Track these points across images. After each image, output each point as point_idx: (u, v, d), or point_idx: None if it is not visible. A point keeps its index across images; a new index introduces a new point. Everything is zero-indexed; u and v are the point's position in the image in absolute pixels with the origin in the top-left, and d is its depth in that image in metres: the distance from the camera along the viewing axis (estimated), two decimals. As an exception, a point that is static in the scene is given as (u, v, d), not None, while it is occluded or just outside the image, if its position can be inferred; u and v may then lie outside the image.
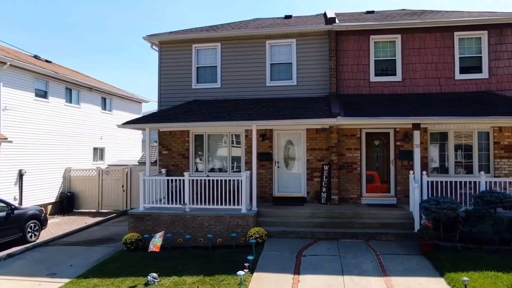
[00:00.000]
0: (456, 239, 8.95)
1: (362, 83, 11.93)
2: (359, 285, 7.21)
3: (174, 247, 10.23)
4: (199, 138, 12.90)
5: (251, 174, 10.94)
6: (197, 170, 12.82)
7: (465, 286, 6.55)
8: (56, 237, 12.25)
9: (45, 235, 12.38)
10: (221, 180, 10.71)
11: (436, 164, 11.70)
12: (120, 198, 17.41)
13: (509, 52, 11.29)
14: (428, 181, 10.22)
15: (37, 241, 11.70)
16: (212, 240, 10.03)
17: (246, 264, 7.90)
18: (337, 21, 12.00)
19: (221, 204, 10.60)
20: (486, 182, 10.05)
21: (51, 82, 16.99)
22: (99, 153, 20.94)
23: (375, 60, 11.94)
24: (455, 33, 11.50)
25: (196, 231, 10.38)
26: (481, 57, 11.48)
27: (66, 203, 17.23)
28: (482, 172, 10.27)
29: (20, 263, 9.74)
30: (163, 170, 12.69)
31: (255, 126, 10.82)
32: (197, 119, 11.05)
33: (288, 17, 14.94)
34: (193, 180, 10.83)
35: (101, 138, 21.06)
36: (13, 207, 11.30)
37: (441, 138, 11.59)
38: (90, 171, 17.91)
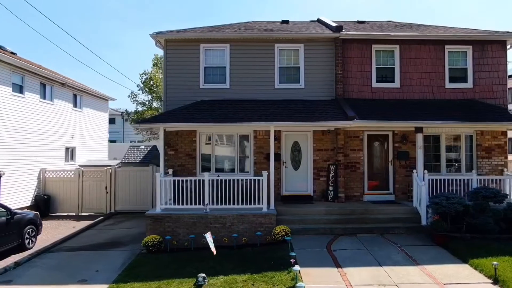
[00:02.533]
0: (463, 230, 10.08)
1: (365, 89, 12.80)
2: (401, 274, 7.90)
3: (196, 248, 10.19)
4: (206, 138, 12.87)
5: (268, 175, 11.21)
6: (204, 170, 12.76)
7: (495, 269, 7.54)
8: (56, 243, 11.45)
9: (39, 241, 11.51)
10: (239, 180, 10.90)
11: (428, 163, 12.90)
12: (103, 200, 16.57)
13: (489, 65, 12.87)
14: (429, 179, 11.31)
15: (35, 247, 10.86)
16: (237, 240, 10.16)
17: (292, 261, 8.19)
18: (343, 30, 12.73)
19: (241, 203, 10.77)
20: (477, 179, 11.41)
21: (27, 76, 15.72)
22: (70, 153, 19.68)
23: (376, 68, 12.87)
24: (446, 46, 12.85)
25: (218, 231, 10.42)
26: (466, 68, 12.95)
27: (43, 206, 15.99)
28: (474, 171, 11.66)
29: (35, 271, 9.05)
30: (170, 171, 12.45)
31: (273, 127, 11.16)
32: (215, 120, 11.10)
33: (285, 21, 15.41)
34: (212, 180, 10.85)
35: (73, 137, 19.82)
36: (13, 211, 10.41)
37: (434, 140, 12.84)
38: (68, 172, 16.83)
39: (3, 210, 10.21)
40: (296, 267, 7.62)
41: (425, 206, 10.78)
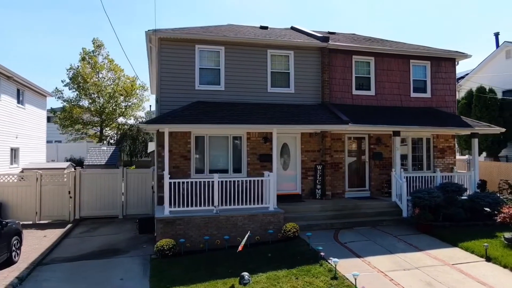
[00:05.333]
0: (440, 220, 11.80)
1: (346, 95, 14.04)
2: (414, 259, 9.09)
3: (210, 249, 10.22)
4: (200, 139, 12.81)
5: (273, 175, 11.64)
6: (198, 172, 12.70)
7: (486, 250, 9.16)
8: (44, 254, 10.35)
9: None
10: (242, 181, 11.34)
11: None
12: (65, 206, 15.16)
13: (443, 79, 15.14)
14: (405, 177, 12.93)
15: (20, 260, 9.71)
16: (250, 238, 10.43)
17: (322, 254, 8.87)
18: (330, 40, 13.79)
19: (245, 204, 11.09)
20: (440, 176, 13.41)
21: (-23, 67, 13.74)
22: (14, 154, 17.54)
23: (355, 77, 14.20)
24: (411, 61, 14.76)
25: (230, 231, 10.59)
26: (426, 81, 15.02)
27: (-6, 215, 14.09)
28: (438, 169, 13.65)
29: (52, 285, 8.23)
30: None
31: (275, 130, 11.67)
32: (222, 122, 11.21)
33: (264, 27, 15.94)
34: (221, 181, 10.95)
35: (17, 137, 17.70)
36: (3, 221, 9.22)
37: (401, 142, 14.62)
38: (14, 176, 15.01)
39: (-9, 220, 9.02)
40: (336, 259, 8.29)
41: (405, 201, 12.33)
